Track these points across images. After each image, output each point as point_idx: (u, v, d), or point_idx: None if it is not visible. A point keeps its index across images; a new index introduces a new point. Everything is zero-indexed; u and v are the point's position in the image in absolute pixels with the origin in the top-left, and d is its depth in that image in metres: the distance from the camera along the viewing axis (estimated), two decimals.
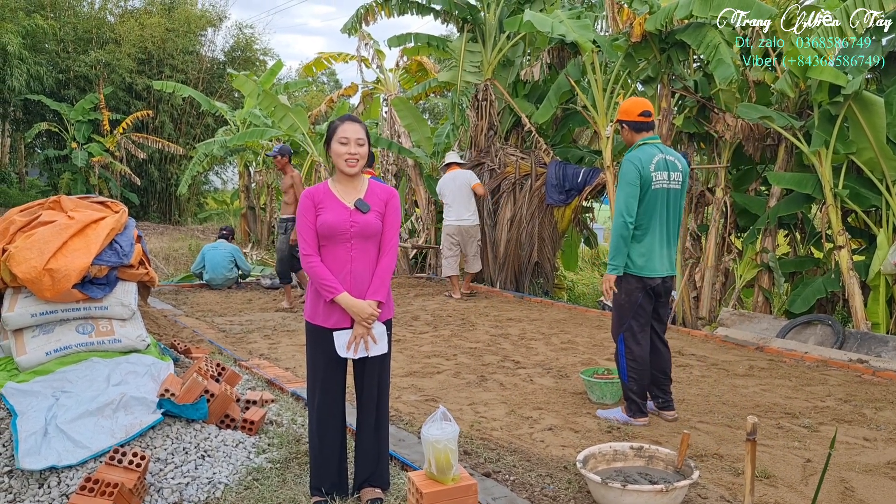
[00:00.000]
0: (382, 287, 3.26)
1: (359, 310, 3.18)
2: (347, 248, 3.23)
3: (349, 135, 3.22)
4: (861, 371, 5.95)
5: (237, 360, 5.93)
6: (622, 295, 4.57)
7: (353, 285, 3.22)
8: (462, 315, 8.46)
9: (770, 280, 8.20)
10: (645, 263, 4.50)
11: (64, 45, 22.13)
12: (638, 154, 4.50)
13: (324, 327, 3.26)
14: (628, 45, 8.45)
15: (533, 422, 4.64)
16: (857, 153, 7.11)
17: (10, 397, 3.67)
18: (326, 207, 3.24)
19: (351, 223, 3.22)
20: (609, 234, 14.75)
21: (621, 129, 4.70)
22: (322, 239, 3.23)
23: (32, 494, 3.27)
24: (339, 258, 3.23)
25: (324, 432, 3.34)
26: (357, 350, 3.23)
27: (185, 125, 23.56)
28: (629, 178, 4.45)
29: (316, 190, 3.30)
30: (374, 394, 3.36)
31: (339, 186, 3.31)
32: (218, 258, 10.41)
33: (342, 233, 3.21)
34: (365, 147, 3.25)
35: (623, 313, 4.59)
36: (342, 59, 14.31)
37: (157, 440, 3.67)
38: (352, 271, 3.23)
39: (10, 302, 3.99)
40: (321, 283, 3.19)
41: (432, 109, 28.94)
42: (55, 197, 4.40)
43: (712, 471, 3.85)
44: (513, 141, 11.48)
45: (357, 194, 3.29)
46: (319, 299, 3.26)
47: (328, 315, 3.25)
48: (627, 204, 4.44)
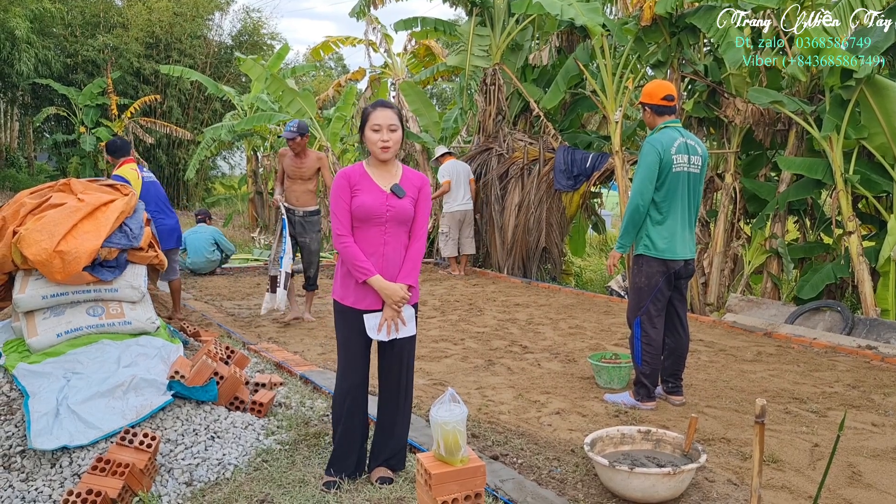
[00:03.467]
0: (414, 271, 3.30)
1: (391, 292, 3.21)
2: (381, 231, 3.25)
3: (381, 122, 3.23)
4: (870, 357, 5.94)
5: (246, 343, 5.96)
6: (642, 278, 4.55)
7: (385, 268, 3.25)
8: (469, 300, 8.47)
9: (779, 266, 8.17)
10: (667, 246, 4.48)
11: (72, 29, 22.12)
12: (659, 137, 4.48)
13: (355, 308, 3.28)
14: (638, 28, 8.39)
15: (540, 406, 4.66)
16: (869, 138, 7.06)
17: (22, 378, 3.70)
18: (363, 189, 3.25)
19: (387, 207, 3.24)
20: (617, 221, 14.71)
21: (643, 111, 4.68)
22: (356, 221, 3.25)
23: (45, 474, 3.30)
24: (372, 241, 3.25)
25: (352, 414, 3.36)
26: (389, 332, 3.25)
27: (192, 110, 23.56)
28: (648, 161, 4.43)
29: (352, 171, 3.31)
30: (400, 375, 3.39)
31: (374, 170, 3.32)
32: (199, 242, 10.22)
33: (378, 216, 3.23)
34: (398, 132, 3.26)
35: (642, 297, 4.57)
36: (350, 42, 14.27)
37: (167, 421, 3.70)
38: (384, 255, 3.26)
39: (20, 284, 4.01)
40: (355, 265, 3.21)
41: (440, 94, 28.85)
42: (65, 180, 4.41)
43: (720, 455, 3.86)
44: (521, 126, 11.44)
45: (392, 179, 3.31)
46: (350, 281, 3.27)
47: (361, 297, 3.27)
48: (643, 185, 4.43)
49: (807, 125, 7.53)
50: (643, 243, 4.54)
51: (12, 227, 3.97)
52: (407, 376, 3.42)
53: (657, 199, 4.48)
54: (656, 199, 4.48)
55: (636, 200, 4.45)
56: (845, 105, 7.03)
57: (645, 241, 4.53)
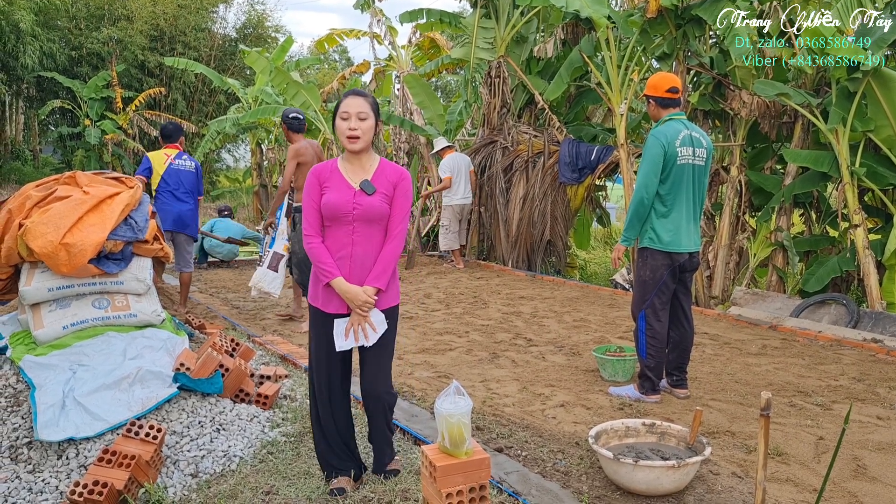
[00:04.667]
0: (384, 274, 3.09)
1: (352, 296, 3.04)
2: (349, 230, 3.07)
3: (350, 109, 3.04)
4: (875, 350, 5.93)
5: (251, 335, 5.97)
6: (647, 271, 4.54)
7: (353, 270, 3.07)
8: (474, 293, 8.47)
9: (784, 259, 8.15)
10: (671, 239, 4.47)
11: (76, 21, 22.11)
12: (664, 129, 4.46)
13: (324, 311, 3.14)
14: (643, 20, 8.35)
15: (545, 398, 4.66)
16: (875, 131, 7.03)
17: (28, 370, 3.72)
18: (331, 186, 3.09)
19: (354, 205, 3.05)
20: (622, 213, 14.69)
21: (648, 104, 4.66)
22: (325, 220, 3.09)
23: (52, 465, 3.32)
24: (339, 241, 3.09)
25: (325, 419, 3.22)
26: (357, 338, 3.09)
27: (197, 102, 23.56)
28: (652, 153, 4.41)
29: (323, 167, 3.15)
30: (375, 380, 3.20)
31: (346, 165, 3.15)
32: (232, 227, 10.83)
33: (344, 215, 3.05)
34: (369, 121, 3.06)
35: (646, 290, 4.56)
36: (354, 35, 14.22)
37: (172, 413, 3.71)
38: (352, 255, 3.08)
39: (27, 276, 4.03)
40: (318, 266, 3.08)
41: (445, 87, 28.78)
42: (70, 172, 4.42)
43: (724, 448, 3.86)
44: (526, 119, 11.41)
45: (364, 174, 3.12)
46: (319, 283, 3.13)
47: (328, 300, 3.12)
48: (648, 178, 4.41)
49: (813, 117, 7.50)
50: (648, 236, 4.53)
51: (18, 219, 3.99)
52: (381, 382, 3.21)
53: (662, 191, 4.47)
54: (661, 192, 4.47)
55: (641, 193, 4.44)
56: (852, 97, 6.99)
57: (650, 233, 4.52)
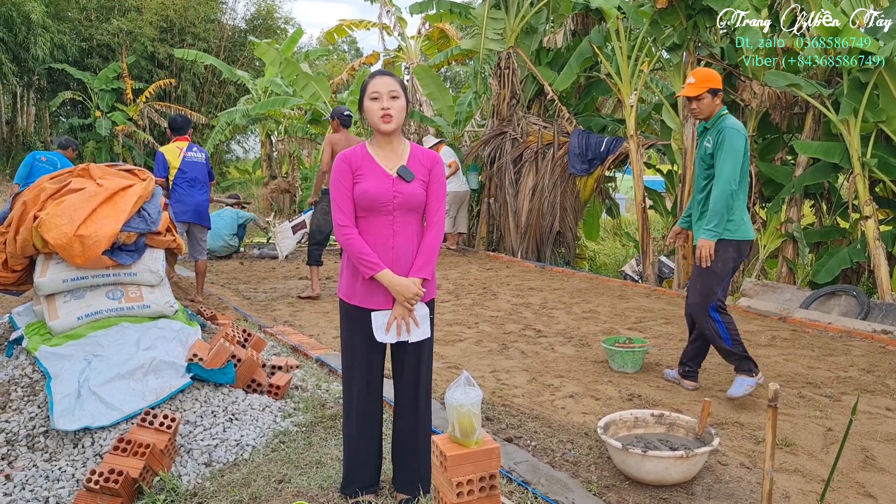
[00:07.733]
0: (429, 264, 2.91)
1: (403, 288, 2.83)
2: (389, 220, 2.87)
3: (380, 88, 2.85)
4: (885, 342, 5.92)
5: (262, 326, 6.02)
6: (718, 263, 4.47)
7: (395, 262, 2.88)
8: (484, 284, 8.50)
9: (794, 250, 8.13)
10: (745, 228, 4.48)
11: (86, 13, 22.19)
12: (736, 123, 4.45)
13: (363, 308, 2.92)
14: (654, 11, 8.32)
15: (554, 389, 4.69)
16: (887, 121, 6.99)
17: (44, 360, 3.77)
18: (366, 174, 2.87)
19: (395, 193, 2.86)
20: (631, 205, 14.65)
21: (705, 99, 4.50)
22: (360, 210, 2.88)
23: (68, 454, 3.37)
24: (379, 232, 2.87)
25: (363, 428, 3.02)
26: (399, 333, 2.90)
27: (207, 94, 23.61)
28: (737, 146, 4.37)
29: (353, 153, 2.93)
30: (414, 382, 3.01)
31: (378, 151, 2.94)
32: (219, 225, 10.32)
33: (384, 204, 2.85)
34: (401, 100, 2.88)
35: (715, 282, 4.48)
36: (363, 26, 14.23)
37: (186, 403, 3.76)
38: (394, 247, 2.88)
39: (42, 268, 4.08)
40: (361, 259, 2.83)
41: (454, 78, 28.71)
42: (84, 164, 4.46)
43: (732, 438, 3.88)
44: (535, 110, 11.40)
45: (399, 160, 2.92)
46: (357, 277, 2.91)
47: (369, 295, 2.90)
48: (735, 171, 4.37)
49: (824, 108, 7.46)
50: (725, 227, 4.44)
51: (33, 211, 4.03)
52: (421, 382, 3.02)
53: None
54: None
55: (731, 186, 4.35)
56: (863, 88, 6.95)
57: (727, 225, 4.45)
